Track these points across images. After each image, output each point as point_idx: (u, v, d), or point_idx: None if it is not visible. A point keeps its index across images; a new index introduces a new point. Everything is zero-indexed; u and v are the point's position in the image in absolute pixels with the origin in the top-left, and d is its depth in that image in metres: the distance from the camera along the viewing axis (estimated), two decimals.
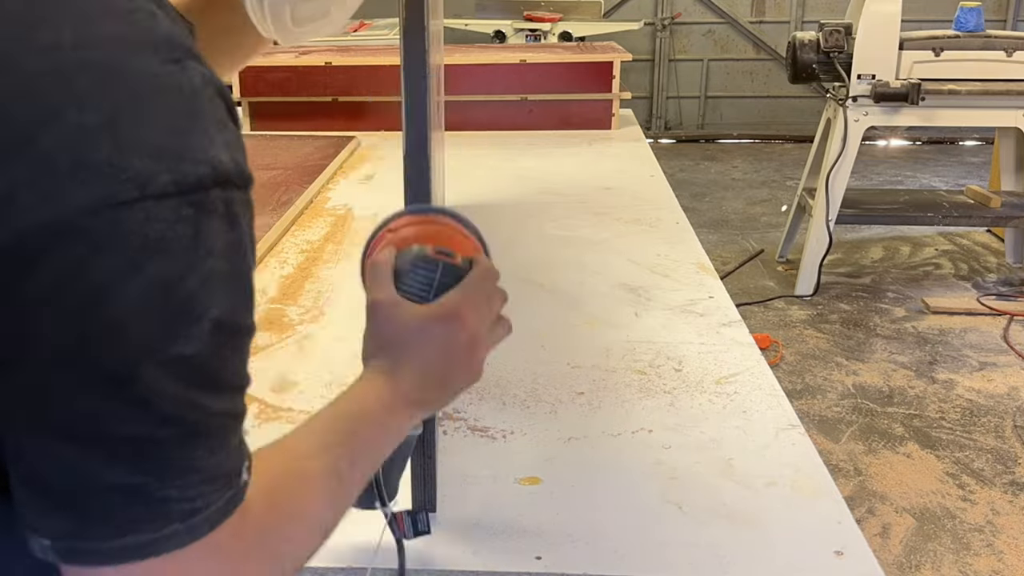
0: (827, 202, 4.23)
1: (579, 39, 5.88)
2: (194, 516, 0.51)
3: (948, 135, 7.77)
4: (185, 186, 0.48)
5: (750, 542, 0.97)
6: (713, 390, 1.29)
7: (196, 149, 0.49)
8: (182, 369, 0.49)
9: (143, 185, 0.46)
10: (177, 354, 0.48)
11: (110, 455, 0.48)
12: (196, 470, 0.51)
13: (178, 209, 0.47)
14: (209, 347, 0.50)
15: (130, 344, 0.47)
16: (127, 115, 0.47)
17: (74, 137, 0.46)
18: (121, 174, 0.46)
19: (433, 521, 1.01)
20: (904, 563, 2.51)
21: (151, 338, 0.48)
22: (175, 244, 0.47)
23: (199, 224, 0.48)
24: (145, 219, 0.46)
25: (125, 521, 0.49)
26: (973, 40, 4.07)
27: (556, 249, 1.88)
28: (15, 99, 0.46)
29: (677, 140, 8.20)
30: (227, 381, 0.52)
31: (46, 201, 0.45)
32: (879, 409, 3.32)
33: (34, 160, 0.45)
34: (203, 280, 0.49)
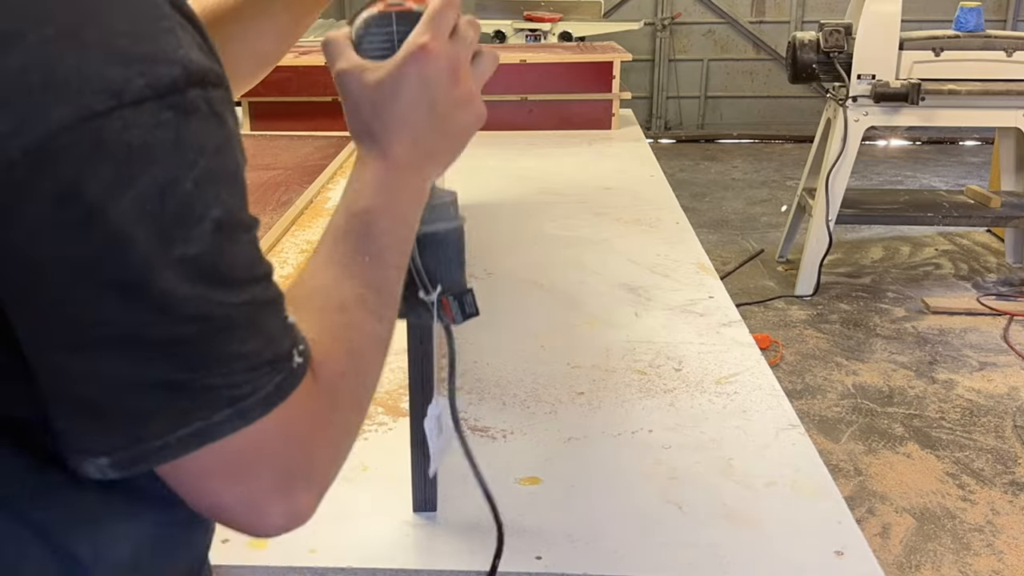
0: (827, 202, 4.23)
1: (579, 39, 5.88)
2: (243, 401, 0.52)
3: (948, 135, 7.77)
4: (161, 88, 0.48)
5: (750, 542, 0.97)
6: (713, 390, 1.29)
7: (166, 50, 0.49)
8: (191, 269, 0.49)
9: (117, 93, 0.46)
10: (182, 255, 0.49)
11: (145, 359, 0.49)
12: (236, 358, 0.52)
13: (157, 113, 0.47)
14: (213, 246, 0.50)
15: (137, 254, 0.47)
16: (91, 24, 0.47)
17: (40, 53, 0.46)
18: (93, 84, 0.46)
19: (434, 521, 1.01)
20: (904, 563, 2.51)
21: (155, 245, 0.48)
22: (159, 150, 0.48)
23: (180, 126, 0.48)
24: (123, 127, 0.46)
25: (175, 415, 0.50)
26: (973, 40, 4.07)
27: (556, 249, 1.88)
28: None
29: (677, 140, 8.20)
30: (239, 275, 0.52)
31: (25, 124, 0.45)
32: (879, 409, 3.32)
33: (4, 84, 0.45)
34: (197, 182, 0.49)
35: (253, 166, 2.33)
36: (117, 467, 0.51)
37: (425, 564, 0.95)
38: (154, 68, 0.48)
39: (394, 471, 1.08)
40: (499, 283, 1.70)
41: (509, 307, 1.60)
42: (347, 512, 1.01)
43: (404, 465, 1.04)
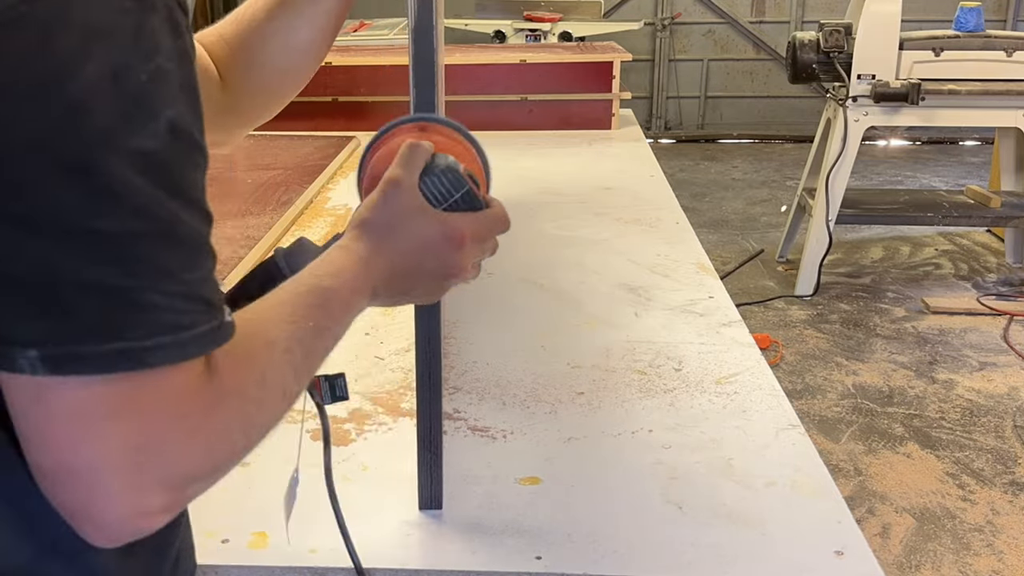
0: (827, 202, 4.23)
1: (579, 39, 5.88)
2: (180, 332, 0.52)
3: (948, 135, 7.77)
4: None
5: (750, 542, 0.97)
6: (713, 390, 1.29)
7: None
8: (145, 164, 0.50)
9: None
10: (137, 147, 0.50)
11: (87, 249, 0.49)
12: (177, 280, 0.52)
13: (121, 1, 0.50)
14: (168, 148, 0.51)
15: (90, 129, 0.49)
16: None
17: None
18: None
19: (437, 520, 1.01)
20: (904, 563, 2.51)
21: (109, 125, 0.49)
22: (119, 34, 0.50)
23: (141, 19, 0.50)
24: (86, 5, 0.49)
25: (111, 324, 0.50)
26: (973, 40, 4.07)
27: (556, 249, 1.88)
28: None
29: (677, 140, 8.20)
30: (189, 192, 0.53)
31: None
32: (879, 409, 3.32)
33: None
34: (152, 76, 0.51)
35: (253, 166, 2.33)
36: (46, 363, 0.50)
37: (426, 564, 0.95)
38: None
39: (394, 470, 1.08)
40: (499, 283, 1.70)
41: (509, 307, 1.60)
42: (348, 512, 1.01)
43: (403, 464, 1.04)
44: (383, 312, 1.51)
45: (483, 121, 2.88)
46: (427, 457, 1.00)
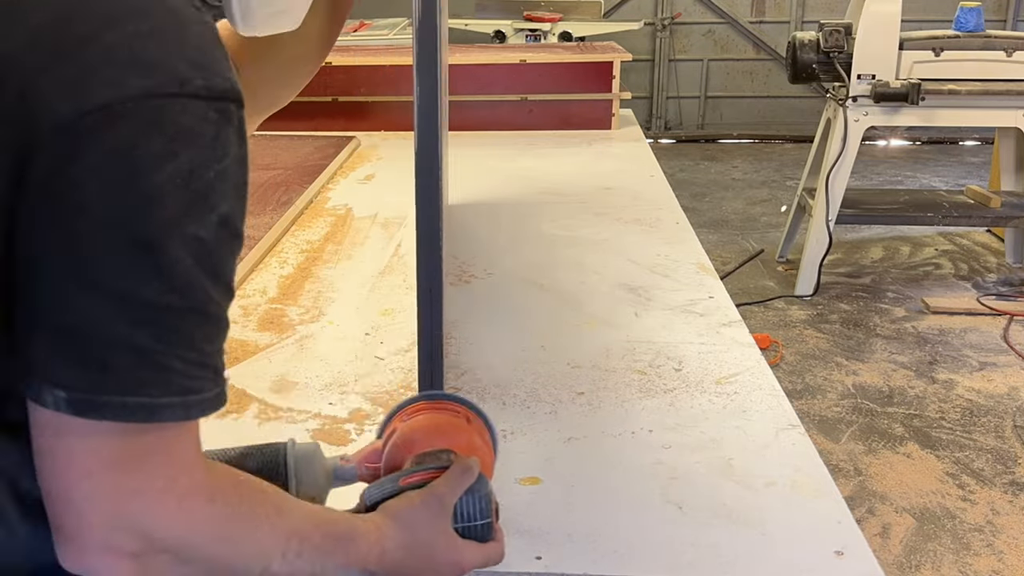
0: (827, 202, 4.23)
1: (579, 39, 5.88)
2: (190, 395, 0.59)
3: (948, 135, 7.76)
4: (214, 93, 0.59)
5: (750, 542, 0.97)
6: (713, 390, 1.29)
7: (222, 69, 0.60)
8: (195, 248, 0.58)
9: (183, 83, 0.58)
10: (193, 234, 0.58)
11: (130, 315, 0.57)
12: (196, 349, 0.60)
13: (206, 111, 0.58)
14: (215, 238, 0.60)
15: (161, 216, 0.57)
16: (171, 29, 0.60)
17: (131, 38, 0.58)
18: (166, 71, 0.57)
19: None
20: (904, 563, 2.51)
21: (177, 214, 0.57)
22: (201, 139, 0.58)
23: (220, 127, 0.59)
24: (182, 111, 0.57)
25: (135, 380, 0.57)
26: (973, 40, 4.07)
27: (556, 249, 1.88)
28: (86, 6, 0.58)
29: (677, 140, 8.19)
30: (225, 276, 0.61)
31: (106, 86, 0.56)
32: (879, 409, 3.32)
33: (99, 53, 0.57)
34: (219, 176, 0.59)
35: (253, 166, 2.32)
36: (71, 405, 0.57)
37: None
38: (212, 77, 0.59)
39: None
40: (499, 283, 1.70)
41: (509, 307, 1.60)
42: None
43: None
44: (383, 312, 1.51)
45: (483, 121, 2.88)
46: None
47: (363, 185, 2.34)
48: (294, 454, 0.83)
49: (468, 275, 1.73)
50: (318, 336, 1.45)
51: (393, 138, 2.78)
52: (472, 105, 2.87)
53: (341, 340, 1.42)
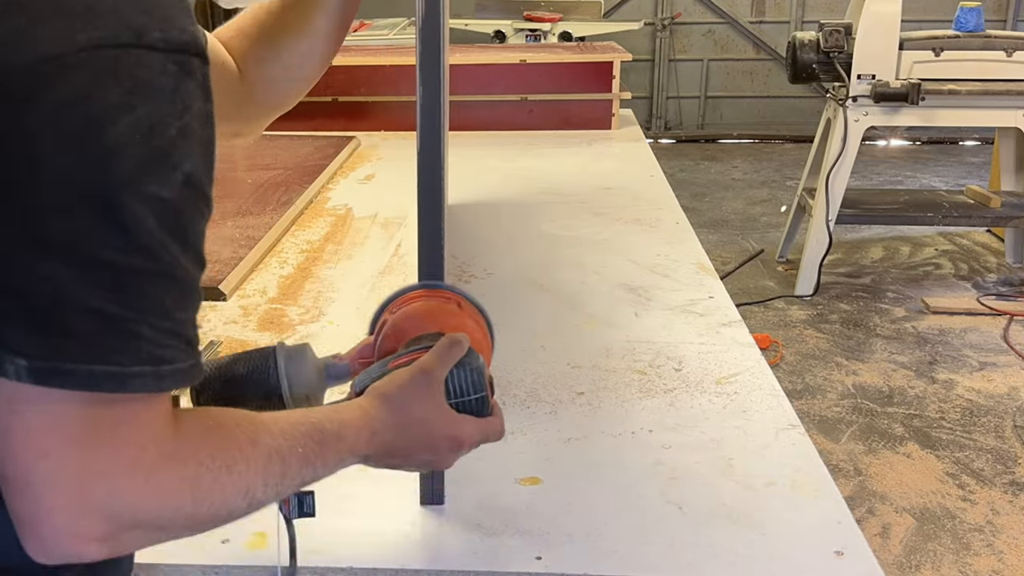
0: (827, 202, 4.23)
1: (579, 39, 5.87)
2: (161, 364, 0.56)
3: (948, 135, 7.76)
4: (172, 45, 0.56)
5: (750, 542, 0.97)
6: (713, 390, 1.29)
7: (182, 22, 0.57)
8: (158, 208, 0.55)
9: (139, 35, 0.55)
10: (155, 193, 0.55)
11: (94, 278, 0.54)
12: (167, 317, 0.57)
13: (164, 63, 0.56)
14: (180, 198, 0.56)
15: (118, 171, 0.54)
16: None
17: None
18: (121, 22, 0.54)
19: (437, 519, 1.01)
20: (904, 563, 2.51)
21: (135, 170, 0.54)
22: (159, 93, 0.55)
23: (179, 80, 0.56)
24: (137, 63, 0.54)
25: (101, 347, 0.54)
26: (973, 40, 4.07)
27: (556, 249, 1.88)
28: None
29: (677, 140, 8.20)
30: (192, 239, 0.58)
31: (58, 35, 0.53)
32: (879, 409, 3.32)
33: (49, 3, 0.54)
34: (180, 132, 0.56)
35: (253, 166, 2.33)
36: (32, 374, 0.54)
37: (425, 564, 0.95)
38: (170, 29, 0.56)
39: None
40: (499, 283, 1.70)
41: (509, 307, 1.60)
42: (348, 511, 1.01)
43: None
44: None
45: (483, 121, 2.88)
46: None
47: (363, 185, 2.34)
48: (284, 354, 0.81)
49: (468, 275, 1.73)
50: (318, 336, 1.45)
51: (393, 138, 2.78)
52: (472, 105, 2.87)
53: (341, 340, 1.42)
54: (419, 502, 1.03)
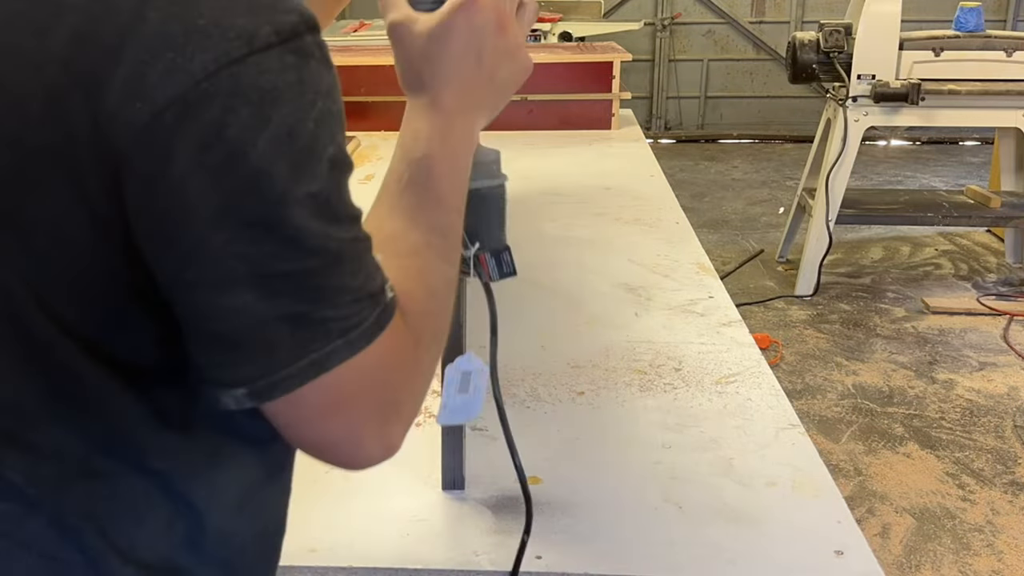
0: (827, 202, 4.23)
1: (579, 39, 5.87)
2: (351, 332, 0.56)
3: (948, 135, 7.77)
4: (284, 34, 0.52)
5: (750, 542, 0.97)
6: (713, 390, 1.29)
7: (286, 1, 0.53)
8: (313, 205, 0.53)
9: (249, 40, 0.51)
10: (306, 192, 0.53)
11: (274, 292, 0.53)
12: (345, 291, 0.56)
13: (282, 58, 0.52)
14: (329, 182, 0.55)
15: (271, 190, 0.52)
16: None
17: (177, 7, 0.50)
18: (228, 33, 0.50)
19: (437, 519, 1.01)
20: (904, 563, 2.51)
21: (287, 181, 0.52)
22: (287, 92, 0.52)
23: (302, 69, 0.53)
24: (258, 73, 0.51)
25: (296, 346, 0.54)
26: (973, 40, 4.07)
27: (556, 249, 1.88)
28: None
29: (677, 140, 8.20)
30: (346, 211, 0.57)
31: (171, 73, 0.49)
32: (879, 409, 3.32)
33: (147, 37, 0.50)
34: (317, 121, 0.53)
35: None
36: (253, 397, 0.55)
37: (426, 564, 0.95)
38: (276, 16, 0.52)
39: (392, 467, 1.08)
40: (499, 283, 1.70)
41: (509, 307, 1.60)
42: (344, 510, 1.01)
43: (403, 459, 1.04)
44: None
45: None
46: (451, 438, 1.02)
47: (363, 185, 2.34)
48: None
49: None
50: None
51: (393, 138, 2.76)
52: None
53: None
54: (440, 488, 1.04)
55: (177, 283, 0.53)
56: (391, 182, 0.70)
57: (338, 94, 0.56)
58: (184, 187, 0.50)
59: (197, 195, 0.50)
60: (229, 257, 0.52)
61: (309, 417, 0.57)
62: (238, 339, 0.54)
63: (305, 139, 0.53)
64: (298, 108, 0.52)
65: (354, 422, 0.58)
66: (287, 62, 0.52)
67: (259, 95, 0.51)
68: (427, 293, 0.65)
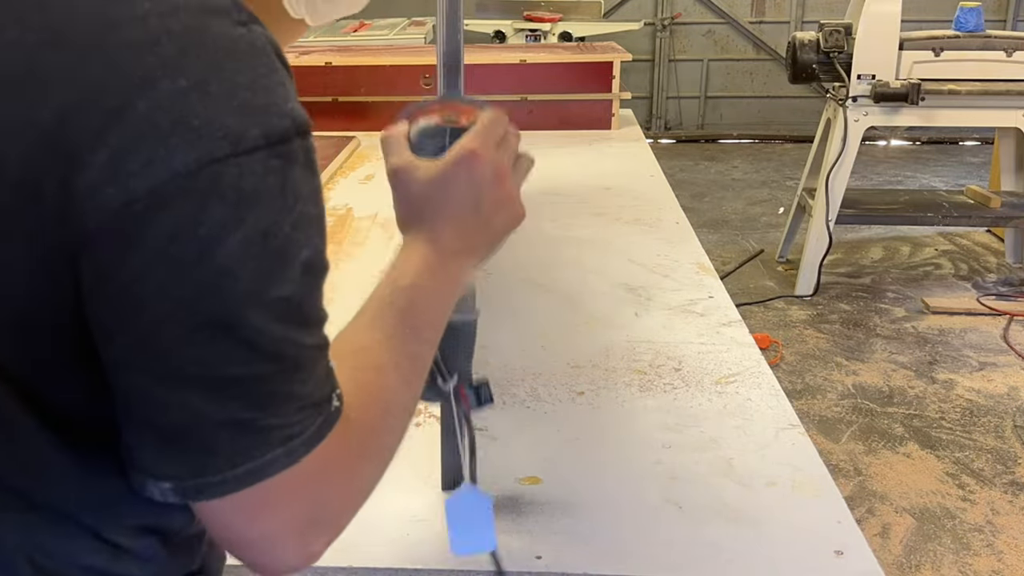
0: (827, 202, 4.23)
1: (579, 39, 5.87)
2: (292, 440, 0.54)
3: (948, 135, 7.76)
4: (272, 138, 0.52)
5: (750, 542, 0.97)
6: (713, 390, 1.29)
7: (278, 103, 0.53)
8: (280, 310, 0.52)
9: (235, 142, 0.50)
10: (276, 296, 0.52)
11: (222, 395, 0.52)
12: (294, 398, 0.54)
13: (266, 161, 0.51)
14: (301, 287, 0.54)
15: (237, 291, 0.50)
16: (215, 77, 0.50)
17: (170, 101, 0.49)
18: (216, 132, 0.49)
19: (436, 519, 1.01)
20: (904, 563, 2.51)
21: (255, 283, 0.51)
22: (267, 195, 0.51)
23: (286, 174, 0.52)
24: (239, 174, 0.50)
25: (234, 453, 0.53)
26: (973, 40, 4.07)
27: (556, 249, 1.88)
28: (107, 71, 0.49)
29: (677, 140, 8.20)
30: (314, 317, 0.56)
31: (151, 164, 0.48)
32: (879, 409, 3.32)
33: (134, 126, 0.49)
34: (294, 225, 0.53)
35: None
36: (178, 494, 0.54)
37: (426, 564, 0.95)
38: (268, 120, 0.52)
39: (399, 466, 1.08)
40: (499, 283, 1.70)
41: (509, 307, 1.60)
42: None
43: (404, 457, 1.04)
44: None
45: None
46: (451, 440, 1.02)
47: (363, 185, 2.34)
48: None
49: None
50: None
51: None
52: None
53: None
54: (440, 488, 1.04)
55: (122, 366, 0.52)
56: (375, 301, 0.71)
57: (320, 199, 0.56)
58: (146, 276, 0.49)
59: (158, 286, 0.50)
60: (182, 355, 0.51)
61: (231, 518, 0.56)
62: (175, 435, 0.52)
63: (279, 242, 0.52)
64: (276, 211, 0.52)
65: (277, 528, 0.57)
66: (271, 166, 0.51)
67: (237, 196, 0.50)
68: (382, 410, 0.65)
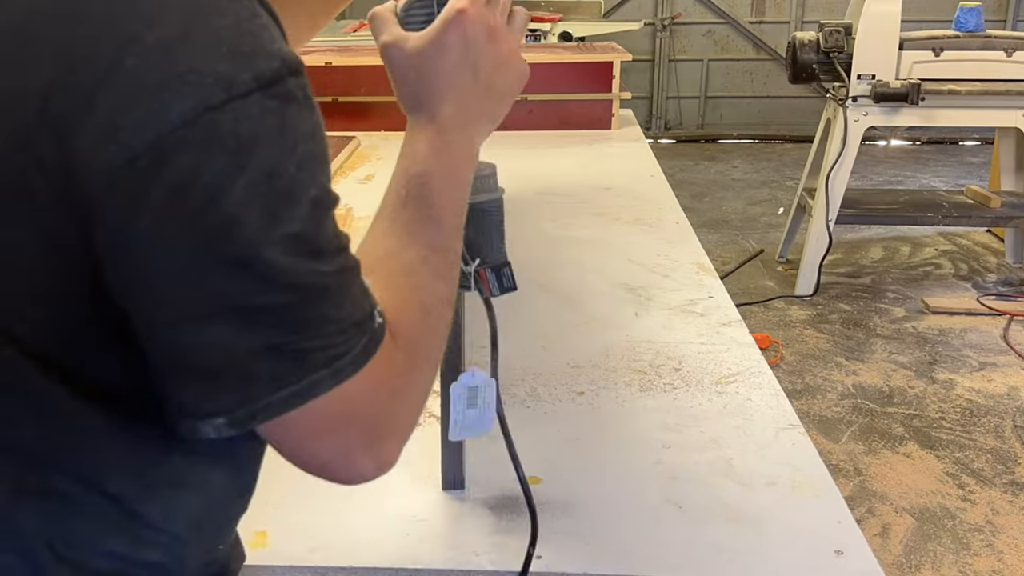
0: (827, 202, 4.23)
1: (579, 39, 5.87)
2: (338, 361, 0.56)
3: (948, 135, 7.77)
4: (264, 80, 0.52)
5: (750, 542, 0.97)
6: (713, 390, 1.29)
7: (266, 45, 0.53)
8: (292, 245, 0.53)
9: (228, 87, 0.50)
10: (284, 234, 0.53)
11: (252, 324, 0.53)
12: (329, 321, 0.55)
13: (262, 103, 0.52)
14: (310, 222, 0.54)
15: (246, 233, 0.51)
16: (199, 24, 0.51)
17: (156, 54, 0.50)
18: (206, 79, 0.50)
19: (436, 519, 1.01)
20: (904, 563, 2.51)
21: (263, 225, 0.52)
22: (266, 137, 0.52)
23: (284, 114, 0.53)
24: (235, 119, 0.50)
25: (275, 377, 0.54)
26: (973, 40, 4.07)
27: (556, 249, 1.88)
28: (90, 34, 0.50)
29: (677, 140, 8.20)
30: (329, 246, 0.56)
31: (146, 120, 0.49)
32: (879, 409, 3.32)
33: (124, 84, 0.49)
34: (298, 165, 0.53)
35: None
36: (232, 425, 0.55)
37: (426, 564, 0.95)
38: (257, 62, 0.52)
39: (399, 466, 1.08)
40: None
41: (509, 307, 1.60)
42: (344, 510, 1.01)
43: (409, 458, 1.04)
44: None
45: None
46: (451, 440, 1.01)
47: (363, 185, 2.34)
48: None
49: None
50: None
51: (393, 138, 2.78)
52: None
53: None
54: (441, 488, 1.04)
55: (153, 323, 0.53)
56: (390, 199, 0.70)
57: (322, 135, 0.56)
58: (158, 233, 0.50)
59: (171, 240, 0.51)
60: (205, 294, 0.52)
61: (299, 439, 0.58)
62: (216, 371, 0.54)
63: (285, 183, 0.52)
64: (278, 153, 0.52)
65: (345, 443, 0.59)
66: (267, 107, 0.52)
67: (237, 142, 0.50)
68: (422, 313, 0.65)
